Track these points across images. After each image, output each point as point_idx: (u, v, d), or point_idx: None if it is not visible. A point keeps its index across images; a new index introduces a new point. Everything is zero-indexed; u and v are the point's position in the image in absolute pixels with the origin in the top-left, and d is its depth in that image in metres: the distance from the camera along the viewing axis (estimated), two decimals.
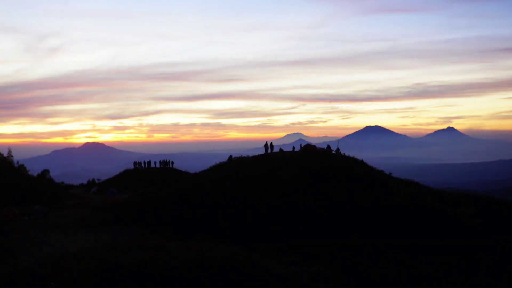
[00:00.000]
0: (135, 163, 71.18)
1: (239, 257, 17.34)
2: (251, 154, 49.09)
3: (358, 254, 28.31)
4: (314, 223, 32.41)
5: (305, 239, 30.01)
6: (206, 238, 23.04)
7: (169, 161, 70.37)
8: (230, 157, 48.63)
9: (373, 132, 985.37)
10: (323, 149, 49.19)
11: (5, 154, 45.44)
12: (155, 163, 70.00)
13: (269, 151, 49.61)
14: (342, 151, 49.41)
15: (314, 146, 49.97)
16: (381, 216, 33.73)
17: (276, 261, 22.28)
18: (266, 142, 50.88)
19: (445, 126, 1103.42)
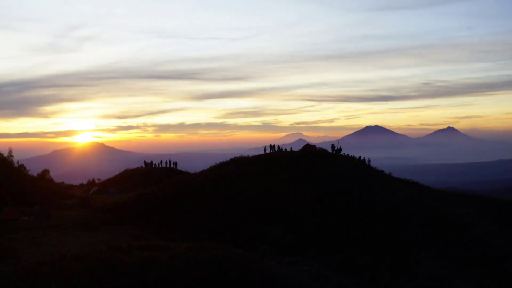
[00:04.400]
0: (145, 162, 70.79)
1: (239, 257, 17.33)
2: (254, 154, 49.09)
3: (358, 253, 28.29)
4: (314, 223, 32.39)
5: (305, 239, 29.99)
6: (206, 238, 23.02)
7: (172, 161, 70.12)
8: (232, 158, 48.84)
9: (373, 132, 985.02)
10: (322, 149, 49.24)
11: (5, 154, 45.35)
12: (160, 163, 69.83)
13: (270, 150, 50.20)
14: (342, 151, 49.45)
15: (314, 146, 50.01)
16: (381, 215, 33.70)
17: (276, 261, 22.28)
18: (270, 145, 51.53)
19: (448, 126, 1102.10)
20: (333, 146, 49.84)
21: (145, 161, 70.82)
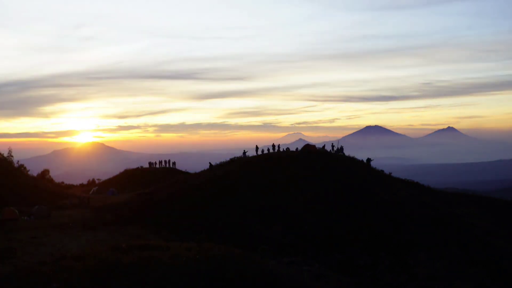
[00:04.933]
0: (150, 163, 70.85)
1: (239, 257, 17.33)
2: (254, 154, 49.10)
3: (358, 253, 28.28)
4: (314, 223, 32.38)
5: (305, 239, 29.99)
6: (206, 238, 23.02)
7: (169, 161, 70.21)
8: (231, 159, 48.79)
9: (373, 132, 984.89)
10: (322, 149, 49.29)
11: (5, 154, 45.32)
12: (160, 162, 69.88)
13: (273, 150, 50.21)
14: (342, 151, 49.46)
15: (314, 146, 50.04)
16: (381, 215, 33.70)
17: (276, 261, 22.26)
18: (273, 144, 51.44)
19: (448, 126, 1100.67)
20: (333, 146, 49.88)
21: (149, 162, 70.88)
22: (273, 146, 51.07)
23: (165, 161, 70.20)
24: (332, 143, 50.74)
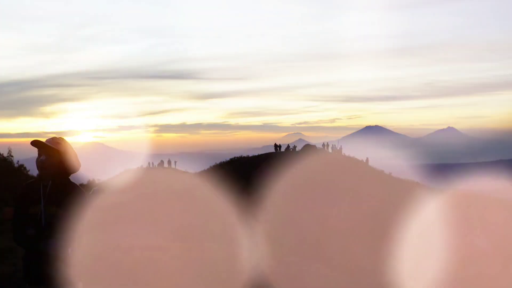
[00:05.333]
0: (149, 163, 71.03)
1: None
2: (254, 154, 49.34)
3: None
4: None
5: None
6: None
7: (170, 161, 70.32)
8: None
9: (373, 132, 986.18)
10: (322, 149, 49.41)
11: (5, 154, 45.37)
12: (161, 163, 69.97)
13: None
14: (342, 152, 49.57)
15: (314, 146, 50.16)
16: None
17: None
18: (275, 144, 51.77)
19: (448, 126, 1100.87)
20: (324, 145, 50.24)
21: (149, 162, 71.07)
22: (275, 145, 51.28)
23: (165, 161, 70.29)
24: (323, 143, 50.92)
